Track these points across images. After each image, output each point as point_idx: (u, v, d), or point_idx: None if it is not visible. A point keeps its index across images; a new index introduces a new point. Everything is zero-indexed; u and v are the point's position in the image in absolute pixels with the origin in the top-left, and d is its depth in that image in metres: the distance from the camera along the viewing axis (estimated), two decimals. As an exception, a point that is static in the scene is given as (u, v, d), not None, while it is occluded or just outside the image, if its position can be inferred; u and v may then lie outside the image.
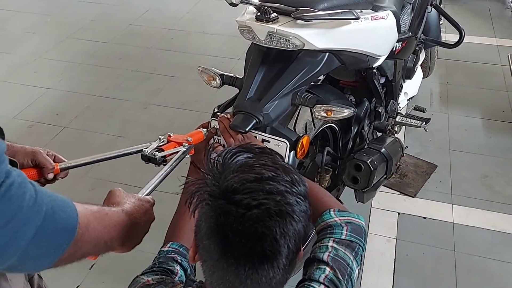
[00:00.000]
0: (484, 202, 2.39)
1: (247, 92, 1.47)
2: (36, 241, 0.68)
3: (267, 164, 0.82)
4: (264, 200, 0.76)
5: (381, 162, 1.75)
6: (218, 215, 0.78)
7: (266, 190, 0.77)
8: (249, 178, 0.78)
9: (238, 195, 0.77)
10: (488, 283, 2.00)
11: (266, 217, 0.76)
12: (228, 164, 0.82)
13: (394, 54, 1.98)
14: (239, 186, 0.78)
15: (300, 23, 1.42)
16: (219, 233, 0.78)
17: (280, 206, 0.77)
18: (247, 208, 0.75)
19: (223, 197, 0.78)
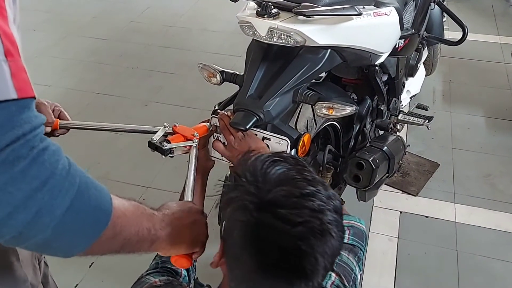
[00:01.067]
0: (487, 201, 2.37)
1: (248, 89, 1.45)
2: (71, 214, 0.65)
3: (308, 178, 0.79)
4: (310, 218, 0.75)
5: (383, 161, 1.73)
6: (259, 228, 0.76)
7: (310, 207, 0.76)
8: (295, 193, 0.76)
9: (283, 209, 0.75)
10: (491, 283, 1.98)
11: (310, 235, 0.75)
12: (269, 175, 0.80)
13: (397, 51, 1.96)
14: (284, 200, 0.76)
15: (301, 19, 1.39)
16: (258, 245, 0.77)
17: (323, 225, 0.76)
18: (292, 225, 0.74)
19: (267, 210, 0.76)
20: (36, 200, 0.62)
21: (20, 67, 0.61)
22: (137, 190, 2.46)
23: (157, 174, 2.55)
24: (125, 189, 2.47)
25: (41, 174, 0.62)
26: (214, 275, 1.07)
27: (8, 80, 0.58)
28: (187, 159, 1.42)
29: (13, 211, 0.60)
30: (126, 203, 0.78)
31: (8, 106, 0.58)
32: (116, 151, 2.75)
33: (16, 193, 0.60)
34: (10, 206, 0.60)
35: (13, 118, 0.58)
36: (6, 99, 0.57)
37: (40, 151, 0.62)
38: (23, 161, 0.60)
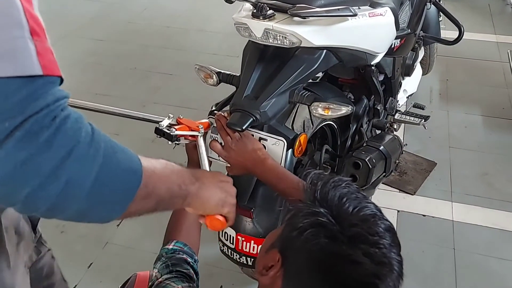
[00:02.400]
0: (484, 200, 2.37)
1: (244, 90, 1.46)
2: (101, 180, 0.66)
3: (379, 214, 0.82)
4: (394, 261, 0.77)
5: (380, 160, 1.74)
6: (341, 260, 0.77)
7: (388, 247, 0.78)
8: (378, 231, 0.78)
9: (369, 247, 0.77)
10: (488, 281, 1.98)
11: (387, 274, 0.77)
12: (344, 207, 0.81)
13: (393, 51, 1.97)
14: (369, 237, 0.77)
15: (297, 20, 1.40)
16: (333, 275, 0.78)
17: (395, 264, 0.78)
18: (375, 263, 0.76)
19: (352, 244, 0.77)
20: (64, 169, 0.61)
21: (46, 48, 0.61)
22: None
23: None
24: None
25: (66, 142, 0.61)
26: (213, 275, 1.08)
27: (34, 57, 0.58)
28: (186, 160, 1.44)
29: (43, 182, 0.60)
30: (154, 161, 0.78)
31: (32, 80, 0.58)
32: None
33: (44, 163, 0.60)
34: (40, 177, 0.60)
35: (37, 91, 0.58)
36: (31, 74, 0.57)
37: (62, 120, 0.61)
38: (47, 130, 0.59)
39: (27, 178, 0.60)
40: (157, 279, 1.04)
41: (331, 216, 0.80)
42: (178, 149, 1.36)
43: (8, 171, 0.58)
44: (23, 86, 0.57)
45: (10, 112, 0.56)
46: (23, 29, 0.58)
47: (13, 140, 0.57)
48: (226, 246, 1.58)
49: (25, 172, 0.59)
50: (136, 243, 2.20)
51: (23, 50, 0.57)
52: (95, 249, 2.17)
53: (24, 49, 0.57)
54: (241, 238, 1.52)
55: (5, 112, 0.56)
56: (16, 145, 0.57)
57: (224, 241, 1.57)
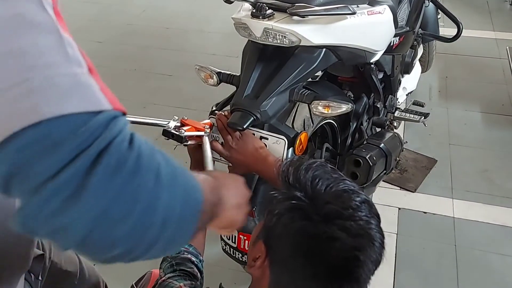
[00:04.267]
0: (485, 196, 2.38)
1: (244, 89, 1.46)
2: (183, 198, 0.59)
3: (354, 189, 0.84)
4: (367, 230, 0.79)
5: (380, 158, 1.75)
6: (318, 238, 0.79)
7: (363, 218, 0.80)
8: (352, 205, 0.80)
9: (344, 221, 0.78)
10: (489, 277, 1.99)
11: (366, 245, 0.79)
12: (318, 186, 0.83)
13: (392, 49, 1.97)
14: (343, 212, 0.79)
15: (296, 19, 1.41)
16: (315, 254, 0.79)
17: (375, 235, 0.80)
18: (353, 236, 0.78)
19: (332, 222, 0.79)
20: (158, 193, 0.55)
21: (103, 84, 0.57)
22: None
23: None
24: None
25: (152, 166, 0.55)
26: (215, 274, 1.08)
27: (99, 93, 0.54)
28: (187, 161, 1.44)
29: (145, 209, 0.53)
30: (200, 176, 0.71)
31: (102, 114, 0.53)
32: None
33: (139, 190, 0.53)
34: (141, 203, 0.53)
35: (108, 123, 0.53)
36: (101, 109, 0.53)
37: (138, 145, 0.55)
38: (130, 158, 0.53)
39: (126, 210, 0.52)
40: (161, 277, 1.05)
41: (306, 198, 0.81)
42: (178, 149, 1.36)
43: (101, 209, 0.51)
44: (94, 120, 0.51)
45: (84, 144, 0.50)
46: (82, 66, 0.54)
47: (97, 174, 0.50)
48: (228, 245, 1.58)
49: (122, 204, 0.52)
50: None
51: (88, 86, 0.53)
52: (98, 250, 2.18)
53: (89, 86, 0.53)
54: (243, 237, 1.53)
55: (80, 146, 0.50)
56: (104, 177, 0.50)
57: (226, 240, 1.58)
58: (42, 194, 0.48)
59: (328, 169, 0.87)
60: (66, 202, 0.49)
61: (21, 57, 0.49)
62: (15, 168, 0.48)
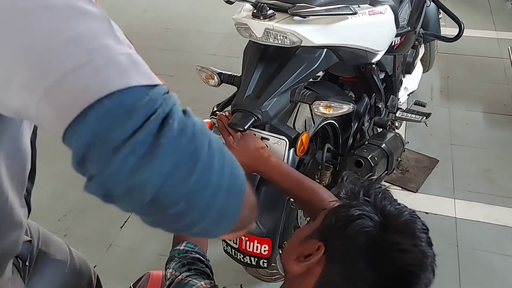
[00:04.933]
0: (487, 196, 2.38)
1: (246, 90, 1.46)
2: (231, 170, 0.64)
3: (416, 215, 0.94)
4: (431, 256, 0.86)
5: (382, 158, 1.74)
6: (388, 248, 0.84)
7: (428, 242, 0.87)
8: (419, 228, 0.89)
9: (416, 239, 0.85)
10: (491, 277, 1.99)
11: (427, 269, 0.84)
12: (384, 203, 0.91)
13: (393, 49, 1.97)
14: (415, 231, 0.87)
15: (297, 20, 1.41)
16: (381, 263, 0.84)
17: (434, 264, 0.86)
18: (422, 254, 0.84)
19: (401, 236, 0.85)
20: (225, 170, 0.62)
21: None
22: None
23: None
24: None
25: (205, 132, 0.61)
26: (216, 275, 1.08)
27: (149, 70, 0.60)
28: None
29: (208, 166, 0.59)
30: None
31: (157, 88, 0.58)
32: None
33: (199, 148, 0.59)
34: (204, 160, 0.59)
35: (164, 95, 0.58)
36: (155, 84, 0.58)
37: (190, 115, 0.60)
38: (190, 124, 0.58)
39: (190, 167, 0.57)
40: (176, 277, 1.04)
41: (376, 213, 0.88)
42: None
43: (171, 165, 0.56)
44: (154, 92, 0.57)
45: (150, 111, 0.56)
46: (131, 47, 0.62)
47: (166, 135, 0.55)
48: (229, 246, 1.58)
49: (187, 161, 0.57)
50: (140, 245, 2.20)
51: (142, 63, 0.60)
52: (99, 251, 2.18)
53: (142, 63, 0.60)
54: (245, 238, 1.53)
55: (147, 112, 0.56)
56: (172, 137, 0.56)
57: (228, 241, 1.58)
58: (120, 153, 0.54)
59: (391, 195, 0.97)
60: (142, 159, 0.54)
61: (83, 41, 0.56)
62: (95, 136, 0.54)
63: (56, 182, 2.53)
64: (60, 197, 2.44)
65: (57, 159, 2.76)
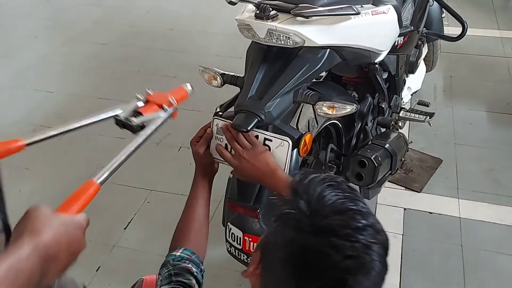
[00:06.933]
0: (491, 196, 2.37)
1: (248, 90, 1.46)
2: None
3: (362, 210, 0.78)
4: (362, 254, 0.74)
5: (385, 158, 1.74)
6: (310, 252, 0.75)
7: (362, 242, 0.74)
8: (351, 225, 0.75)
9: (337, 239, 0.74)
10: (496, 277, 1.98)
11: (359, 271, 0.74)
12: (324, 199, 0.79)
13: (396, 48, 1.96)
14: (339, 230, 0.75)
15: (300, 20, 1.40)
16: (302, 268, 0.76)
17: (373, 263, 0.75)
18: (344, 256, 0.73)
19: (323, 236, 0.75)
20: None
21: None
22: (141, 193, 2.47)
23: (161, 177, 2.56)
24: (129, 193, 2.48)
25: None
26: (218, 276, 1.08)
27: None
28: (191, 162, 1.44)
29: None
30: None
31: None
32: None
33: None
34: None
35: None
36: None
37: None
38: None
39: None
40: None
41: (309, 209, 0.78)
42: (183, 152, 1.36)
43: None
44: None
45: None
46: None
47: None
48: (233, 247, 1.58)
49: None
50: (143, 246, 2.20)
51: None
52: (103, 253, 2.18)
53: None
54: (248, 239, 1.53)
55: None
56: None
57: (231, 241, 1.57)
58: None
59: (345, 187, 0.83)
60: None
61: None
62: None
63: (60, 184, 2.53)
64: (63, 198, 2.44)
65: (59, 161, 2.78)
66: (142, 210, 2.38)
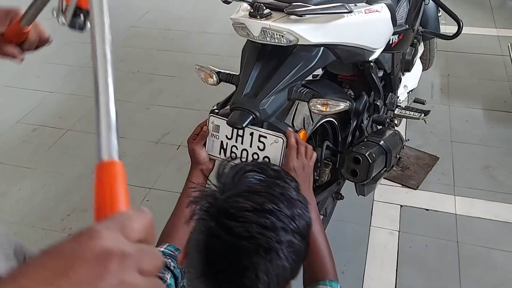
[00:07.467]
0: (487, 193, 2.38)
1: (244, 88, 1.48)
2: None
3: (272, 193, 0.79)
4: (257, 235, 0.74)
5: (380, 155, 1.75)
6: (208, 235, 0.76)
7: (261, 224, 0.74)
8: (248, 207, 0.75)
9: (232, 221, 0.74)
10: (491, 273, 2.00)
11: (254, 252, 0.74)
12: (237, 182, 0.80)
13: (391, 47, 1.98)
14: (235, 212, 0.75)
15: (293, 18, 1.42)
16: (205, 252, 0.77)
17: (271, 244, 0.74)
18: (237, 238, 0.73)
19: (216, 218, 0.76)
20: None
21: None
22: (140, 191, 2.49)
23: (159, 175, 2.58)
24: (130, 191, 2.49)
25: None
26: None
27: None
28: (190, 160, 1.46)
29: None
30: None
31: None
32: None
33: None
34: None
35: None
36: None
37: None
38: None
39: None
40: None
41: (222, 192, 0.79)
42: (182, 150, 1.38)
43: None
44: None
45: None
46: None
47: None
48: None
49: None
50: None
51: None
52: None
53: None
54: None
55: None
56: None
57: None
58: None
59: (269, 172, 0.83)
60: None
61: None
62: None
63: (61, 182, 2.56)
64: (64, 197, 2.47)
65: (59, 160, 2.81)
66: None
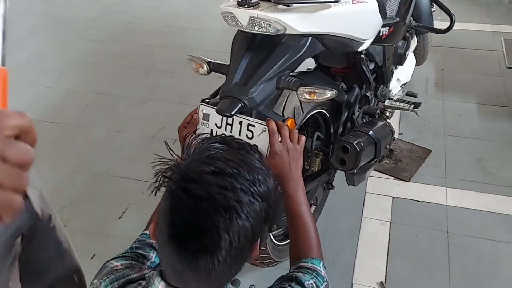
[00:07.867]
0: (478, 185, 2.41)
1: (233, 77, 1.50)
2: None
3: (232, 160, 0.83)
4: (216, 195, 0.77)
5: (369, 144, 1.78)
6: (171, 200, 0.80)
7: (220, 185, 0.78)
8: (207, 170, 0.80)
9: (191, 184, 0.79)
10: (480, 262, 2.02)
11: (213, 211, 0.77)
12: (200, 152, 0.85)
13: (382, 39, 2.00)
14: (195, 176, 0.80)
15: (281, 8, 1.45)
16: (169, 217, 0.80)
17: (230, 202, 0.77)
18: (196, 199, 0.77)
19: (179, 183, 0.80)
20: None
21: None
22: (137, 184, 2.52)
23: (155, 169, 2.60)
24: (125, 184, 2.53)
25: None
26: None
27: None
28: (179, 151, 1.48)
29: None
30: None
31: None
32: (114, 148, 2.81)
33: None
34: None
35: None
36: None
37: None
38: None
39: None
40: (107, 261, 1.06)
41: (186, 160, 0.84)
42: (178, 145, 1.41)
43: None
44: None
45: None
46: None
47: None
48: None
49: None
50: (137, 235, 2.22)
51: None
52: (98, 241, 2.22)
53: None
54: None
55: None
56: None
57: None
58: None
59: (233, 144, 0.87)
60: None
61: None
62: None
63: (58, 175, 2.59)
64: (61, 190, 2.50)
65: (55, 154, 2.83)
66: (136, 200, 2.43)
